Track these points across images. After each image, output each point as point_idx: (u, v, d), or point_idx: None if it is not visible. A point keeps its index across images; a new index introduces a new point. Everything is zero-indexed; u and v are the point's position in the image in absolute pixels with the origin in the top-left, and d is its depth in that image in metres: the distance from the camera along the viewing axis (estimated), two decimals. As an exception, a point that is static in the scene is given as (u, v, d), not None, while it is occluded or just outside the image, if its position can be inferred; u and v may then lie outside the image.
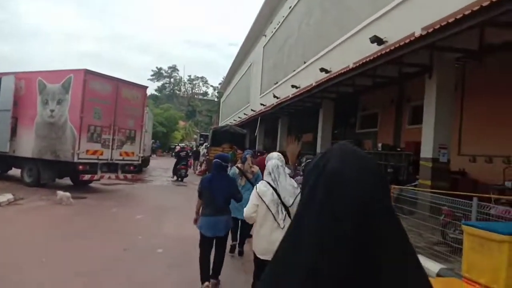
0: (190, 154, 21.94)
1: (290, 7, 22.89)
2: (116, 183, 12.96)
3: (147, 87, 12.32)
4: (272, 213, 3.25)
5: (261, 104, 26.29)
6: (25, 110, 11.17)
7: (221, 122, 51.32)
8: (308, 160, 4.99)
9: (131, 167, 11.98)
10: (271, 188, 3.30)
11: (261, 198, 3.31)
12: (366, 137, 19.99)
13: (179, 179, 16.52)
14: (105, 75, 11.03)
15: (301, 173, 5.05)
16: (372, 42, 11.29)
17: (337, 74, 12.33)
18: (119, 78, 11.38)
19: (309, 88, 14.77)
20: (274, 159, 3.47)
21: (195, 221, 4.45)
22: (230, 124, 24.16)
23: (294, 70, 20.42)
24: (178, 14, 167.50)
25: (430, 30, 7.90)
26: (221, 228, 4.23)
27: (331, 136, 17.71)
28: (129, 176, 12.16)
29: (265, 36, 28.03)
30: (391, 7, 11.21)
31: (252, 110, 29.61)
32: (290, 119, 24.79)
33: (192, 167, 22.35)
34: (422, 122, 10.27)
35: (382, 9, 11.71)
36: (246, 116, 31.08)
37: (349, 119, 22.03)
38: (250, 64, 35.46)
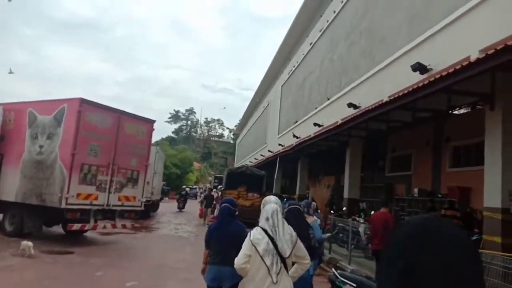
0: (189, 193, 27.32)
1: (311, 43, 21.83)
2: (116, 232, 11.18)
3: (154, 121, 10.76)
4: (267, 265, 2.92)
5: (279, 145, 24.76)
6: (12, 146, 9.71)
7: (237, 164, 49.85)
8: (290, 206, 4.33)
9: (132, 214, 10.25)
10: (267, 237, 2.98)
11: (255, 247, 2.98)
12: (397, 181, 17.99)
13: (179, 209, 24.25)
14: (105, 106, 9.57)
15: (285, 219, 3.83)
16: (414, 70, 9.68)
17: (373, 107, 10.68)
18: (122, 110, 9.89)
19: (339, 124, 13.11)
20: (272, 203, 3.17)
21: (203, 271, 4.07)
22: (247, 165, 22.48)
23: (316, 108, 18.93)
24: (196, 59, 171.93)
25: (494, 50, 6.29)
26: (226, 279, 3.76)
27: (359, 179, 15.81)
28: (128, 225, 10.41)
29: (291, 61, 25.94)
30: (434, 31, 9.69)
31: (269, 151, 28.09)
32: (310, 160, 23.08)
33: (204, 218, 18.06)
34: (484, 164, 8.37)
35: (422, 34, 10.20)
36: (263, 157, 29.53)
37: (377, 161, 20.18)
38: (268, 104, 34.36)
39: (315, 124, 17.78)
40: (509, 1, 7.11)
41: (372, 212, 15.02)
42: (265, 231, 3.03)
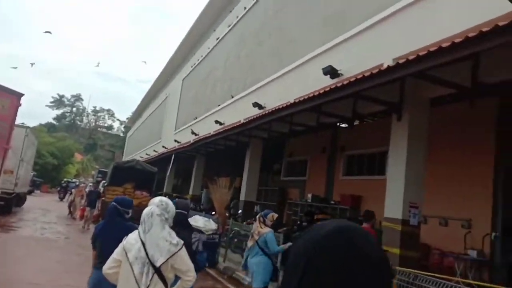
0: (69, 186, 25.31)
1: (217, 38, 20.91)
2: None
3: (21, 94, 8.52)
4: (134, 275, 2.53)
5: (175, 141, 23.27)
6: None
7: (125, 159, 46.41)
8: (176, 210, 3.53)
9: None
10: (140, 242, 2.62)
11: (126, 253, 2.62)
12: (292, 185, 18.12)
13: (60, 199, 25.12)
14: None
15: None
16: (325, 73, 9.36)
17: (280, 107, 10.19)
18: (-25, 75, 7.65)
19: (243, 122, 12.41)
20: (152, 205, 2.82)
21: None
22: (137, 159, 20.45)
23: (219, 105, 18.05)
24: (91, 45, 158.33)
25: (412, 57, 6.16)
26: (105, 285, 3.20)
27: (257, 182, 15.37)
28: (-28, 223, 8.13)
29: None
30: (348, 36, 9.52)
31: (163, 147, 26.33)
32: (207, 159, 22.15)
33: (85, 221, 14.05)
34: (375, 174, 8.35)
35: (335, 39, 10.00)
36: (156, 153, 27.67)
37: (273, 164, 20.17)
38: (166, 97, 32.45)
39: (217, 122, 16.87)
40: (425, 12, 7.10)
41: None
42: (140, 235, 2.73)
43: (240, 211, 14.26)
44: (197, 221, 8.67)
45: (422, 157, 7.87)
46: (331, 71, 9.33)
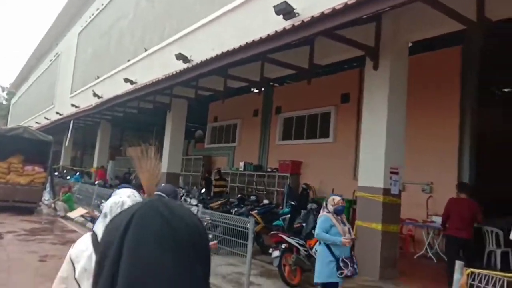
0: None
1: (122, -19, 17.46)
2: None
3: None
4: None
5: (73, 105, 19.52)
6: None
7: (10, 129, 39.57)
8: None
9: None
10: (93, 247, 1.62)
11: (73, 265, 1.64)
12: (219, 153, 16.28)
13: None
14: None
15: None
16: (277, 13, 7.45)
17: (219, 55, 8.13)
18: None
19: (164, 78, 10.06)
20: (122, 194, 1.77)
21: None
22: (26, 126, 16.43)
23: (129, 60, 15.07)
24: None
25: None
26: None
27: (182, 151, 13.21)
28: None
29: None
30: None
31: (57, 113, 22.19)
32: (113, 126, 19.11)
33: None
34: (361, 134, 6.93)
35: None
36: (49, 121, 23.39)
37: (194, 130, 18.06)
38: (57, 56, 27.52)
39: (127, 80, 14.00)
40: None
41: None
42: (95, 237, 1.65)
43: (162, 184, 12.03)
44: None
45: (402, 113, 6.58)
46: (285, 9, 7.41)
